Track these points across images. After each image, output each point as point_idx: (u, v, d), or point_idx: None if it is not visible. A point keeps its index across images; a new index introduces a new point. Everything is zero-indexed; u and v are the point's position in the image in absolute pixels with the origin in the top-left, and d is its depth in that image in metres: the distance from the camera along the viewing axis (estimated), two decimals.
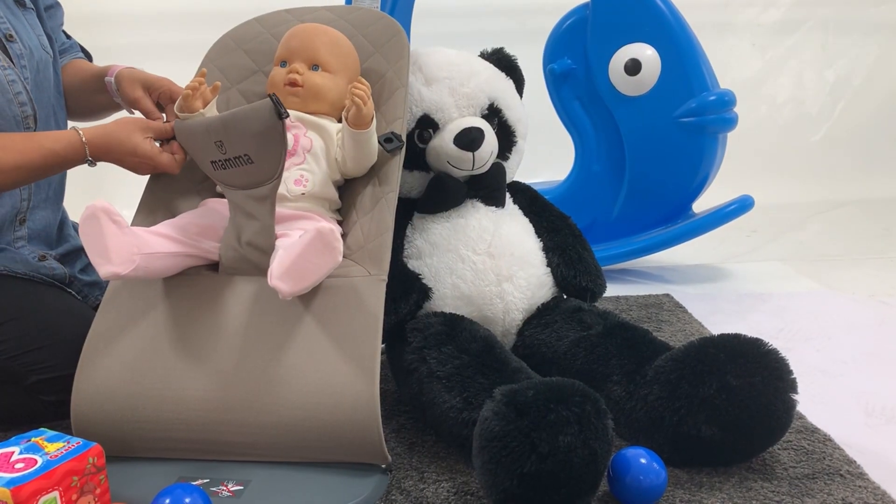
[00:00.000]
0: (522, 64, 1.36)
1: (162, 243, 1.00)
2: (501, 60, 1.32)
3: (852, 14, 2.89)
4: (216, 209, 1.11)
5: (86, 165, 1.11)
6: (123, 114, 1.28)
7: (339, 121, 1.15)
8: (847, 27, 2.91)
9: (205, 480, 0.94)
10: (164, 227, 1.04)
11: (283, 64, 1.18)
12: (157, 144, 1.13)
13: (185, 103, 1.10)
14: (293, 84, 1.15)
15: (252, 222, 1.05)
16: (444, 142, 1.21)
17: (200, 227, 1.07)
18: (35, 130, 1.19)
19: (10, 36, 1.19)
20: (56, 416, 1.13)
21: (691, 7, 1.89)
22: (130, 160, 1.11)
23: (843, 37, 2.91)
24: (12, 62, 1.18)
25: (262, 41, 1.31)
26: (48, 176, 1.13)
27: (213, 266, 1.08)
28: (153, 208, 1.14)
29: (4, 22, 1.19)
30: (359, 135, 1.10)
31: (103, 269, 0.93)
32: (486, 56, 1.33)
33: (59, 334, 1.12)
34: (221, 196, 1.14)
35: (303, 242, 0.94)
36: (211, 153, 1.03)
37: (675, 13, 1.81)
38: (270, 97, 0.98)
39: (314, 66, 1.17)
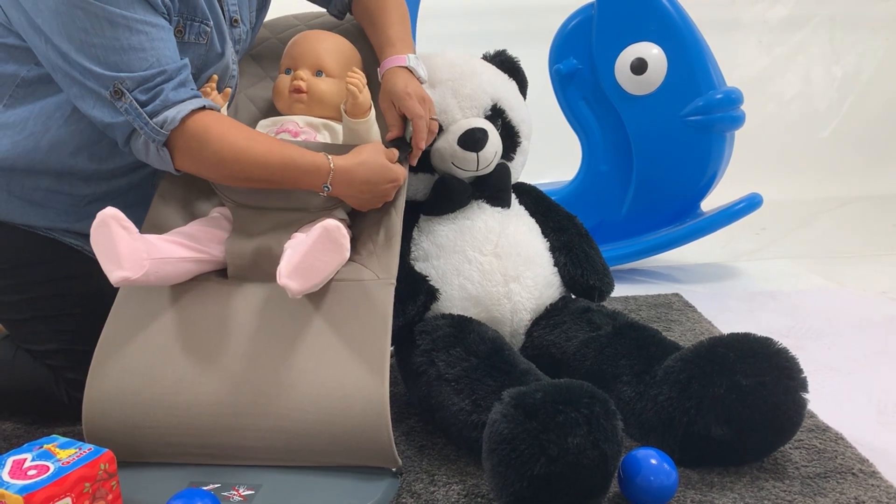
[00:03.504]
0: (528, 64, 1.36)
1: (172, 248, 1.01)
2: (504, 63, 1.33)
3: (859, 10, 2.88)
4: (228, 217, 1.11)
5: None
6: None
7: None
8: (854, 23, 2.89)
9: (216, 485, 0.94)
10: (174, 233, 1.05)
11: (288, 71, 1.18)
12: None
13: None
14: (298, 91, 1.15)
15: (266, 235, 1.05)
16: (448, 143, 1.21)
17: (211, 233, 1.08)
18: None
19: (236, 20, 1.18)
20: (70, 413, 1.14)
21: (697, 5, 1.89)
22: (382, 188, 1.09)
23: (851, 33, 2.89)
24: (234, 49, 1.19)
25: (269, 46, 1.31)
26: (278, 186, 1.07)
27: (224, 272, 1.09)
28: (162, 220, 1.13)
29: (234, 2, 1.17)
30: (358, 124, 1.11)
31: (114, 275, 0.93)
32: (488, 58, 1.33)
33: (91, 307, 1.12)
34: None
35: (310, 240, 0.95)
36: None
37: (680, 12, 1.81)
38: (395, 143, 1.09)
39: (318, 72, 1.17)
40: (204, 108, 1.03)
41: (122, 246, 0.93)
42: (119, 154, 1.10)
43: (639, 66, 1.79)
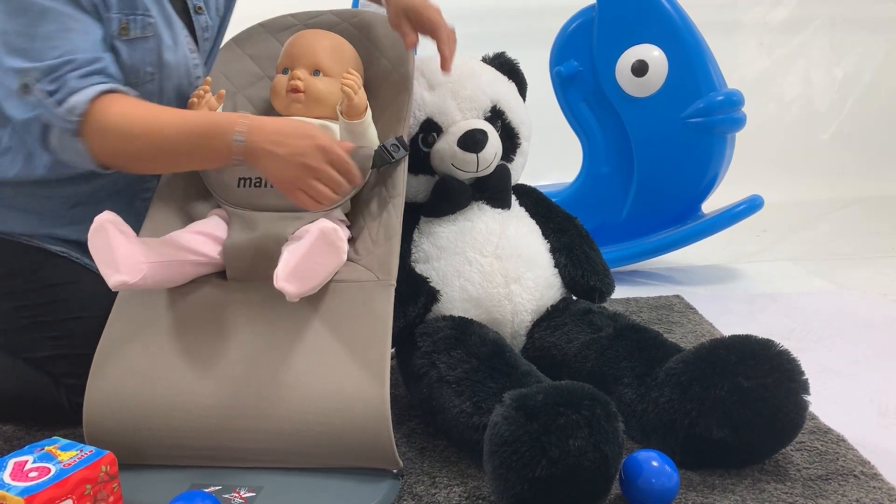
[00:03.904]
0: (529, 66, 1.36)
1: (169, 252, 1.01)
2: (503, 65, 1.33)
3: (860, 11, 2.87)
4: (226, 219, 1.11)
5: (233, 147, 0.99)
6: None
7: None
8: (855, 24, 2.89)
9: (217, 487, 0.94)
10: (172, 236, 1.05)
11: (286, 71, 1.18)
12: None
13: None
14: (295, 91, 1.15)
15: (265, 236, 1.05)
16: (448, 144, 1.21)
17: (209, 235, 1.08)
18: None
19: (200, 8, 1.18)
20: (71, 415, 1.14)
21: (698, 6, 1.89)
22: (298, 143, 0.97)
23: (852, 34, 2.89)
24: (195, 40, 1.18)
25: (267, 46, 1.31)
26: (191, 158, 1.03)
27: (222, 273, 1.09)
28: (160, 223, 1.13)
29: None
30: (354, 125, 1.11)
31: (112, 279, 0.93)
32: (487, 61, 1.34)
33: (84, 312, 1.12)
34: None
35: (307, 243, 0.95)
36: (248, 171, 1.06)
37: (681, 13, 1.81)
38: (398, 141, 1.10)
39: (315, 72, 1.17)
40: (113, 91, 1.01)
41: (119, 250, 0.93)
42: None
43: (640, 68, 1.80)
